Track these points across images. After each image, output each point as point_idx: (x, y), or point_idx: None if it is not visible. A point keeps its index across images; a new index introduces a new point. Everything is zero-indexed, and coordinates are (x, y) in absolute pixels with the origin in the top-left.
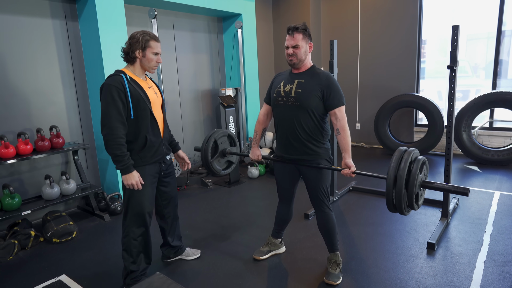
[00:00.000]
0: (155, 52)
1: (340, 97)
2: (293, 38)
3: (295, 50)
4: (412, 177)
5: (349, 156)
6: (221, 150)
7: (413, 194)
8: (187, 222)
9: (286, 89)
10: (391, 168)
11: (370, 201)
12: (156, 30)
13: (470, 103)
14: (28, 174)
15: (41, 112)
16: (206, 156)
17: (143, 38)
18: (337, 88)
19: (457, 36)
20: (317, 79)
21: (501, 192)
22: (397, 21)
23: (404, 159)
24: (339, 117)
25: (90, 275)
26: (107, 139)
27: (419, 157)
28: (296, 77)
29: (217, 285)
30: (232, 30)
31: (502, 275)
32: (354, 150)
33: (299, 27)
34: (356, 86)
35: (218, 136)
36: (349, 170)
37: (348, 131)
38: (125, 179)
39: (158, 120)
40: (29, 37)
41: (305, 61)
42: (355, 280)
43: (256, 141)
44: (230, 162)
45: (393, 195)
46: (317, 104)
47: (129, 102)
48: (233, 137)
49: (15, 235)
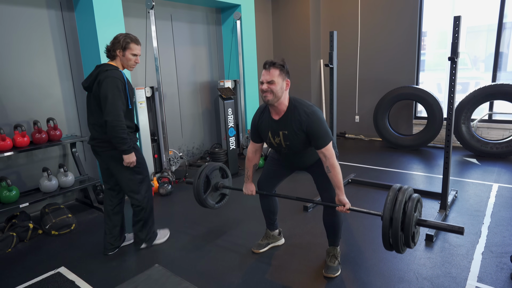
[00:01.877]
0: (134, 54)
1: (324, 137)
2: (269, 73)
3: (270, 85)
4: (407, 219)
5: (342, 193)
6: (214, 184)
7: (410, 235)
8: (185, 215)
9: (276, 141)
10: (386, 210)
11: (369, 193)
12: (153, 21)
13: (470, 96)
14: (26, 167)
15: (38, 104)
16: (199, 193)
17: (124, 40)
18: (319, 130)
19: (458, 27)
20: (298, 124)
21: (499, 184)
22: (397, 13)
23: (398, 200)
24: (327, 156)
25: (89, 267)
26: (114, 125)
27: (413, 196)
28: (279, 127)
29: (215, 278)
30: (231, 22)
31: (499, 266)
32: (353, 143)
33: (276, 63)
34: (355, 78)
35: (209, 171)
36: (344, 208)
37: (338, 168)
38: (127, 158)
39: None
40: (24, 28)
41: (281, 98)
42: (354, 271)
43: (248, 177)
44: (223, 195)
45: (389, 235)
46: (308, 145)
47: (127, 94)
48: (225, 169)
49: (13, 228)
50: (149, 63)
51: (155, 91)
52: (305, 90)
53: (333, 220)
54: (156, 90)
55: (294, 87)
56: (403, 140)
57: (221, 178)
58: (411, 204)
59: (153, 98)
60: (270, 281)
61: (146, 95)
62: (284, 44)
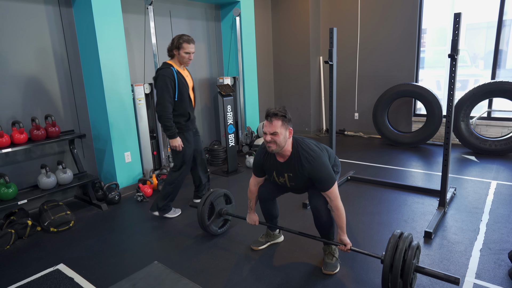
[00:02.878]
0: (186, 52)
1: (328, 181)
2: (271, 125)
3: (274, 137)
4: (407, 267)
5: (344, 233)
6: (218, 211)
7: (408, 282)
8: (185, 211)
9: (281, 181)
10: (387, 257)
11: (368, 191)
12: (152, 17)
13: (469, 93)
14: (24, 164)
15: (36, 101)
16: (203, 220)
17: (178, 41)
18: (321, 174)
19: (459, 24)
20: (302, 170)
21: (497, 182)
22: (397, 10)
23: (399, 248)
24: (332, 198)
25: (88, 264)
26: (160, 114)
27: (413, 244)
28: (284, 169)
29: (214, 274)
30: (230, 18)
31: (497, 263)
32: (352, 140)
33: (278, 113)
34: (355, 75)
35: (214, 198)
36: (345, 248)
37: (342, 209)
38: (172, 142)
39: (193, 100)
40: (22, 23)
41: (285, 147)
42: (353, 268)
43: (251, 208)
44: (226, 220)
45: (389, 280)
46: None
47: (175, 88)
48: (229, 195)
49: (12, 225)
50: (147, 60)
51: (154, 88)
52: (305, 87)
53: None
54: None
55: (294, 85)
56: (402, 138)
57: (225, 204)
58: (411, 252)
59: (152, 94)
60: (269, 278)
61: (145, 92)
62: (283, 41)
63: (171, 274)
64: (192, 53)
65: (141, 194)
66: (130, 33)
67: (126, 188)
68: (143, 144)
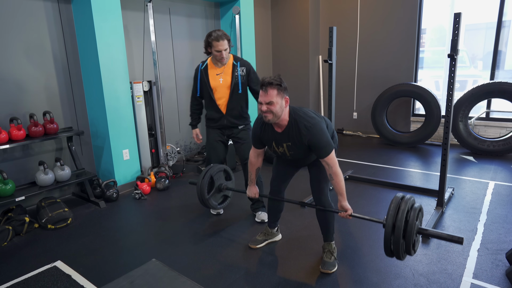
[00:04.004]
0: (217, 50)
1: (327, 147)
2: (267, 94)
3: (270, 106)
4: (409, 227)
5: (344, 199)
6: (217, 185)
7: (411, 243)
8: (184, 209)
9: (280, 150)
10: (389, 217)
11: (366, 190)
12: (151, 14)
13: (468, 93)
14: (22, 160)
15: (34, 97)
16: (202, 193)
17: (207, 40)
18: (320, 141)
19: (458, 24)
20: (300, 138)
21: (495, 182)
22: (397, 9)
23: (401, 209)
24: (330, 164)
25: (85, 261)
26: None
27: (415, 205)
28: (282, 139)
29: (212, 273)
30: (230, 16)
31: (494, 263)
32: (350, 140)
33: (273, 82)
34: (354, 74)
35: (214, 172)
36: (346, 213)
37: (341, 175)
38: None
39: (218, 100)
40: (20, 19)
41: (281, 116)
42: (351, 268)
43: (251, 180)
44: (226, 196)
45: (391, 242)
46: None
47: (198, 85)
48: (229, 171)
49: (9, 221)
50: (146, 57)
51: (152, 86)
52: (304, 86)
53: (324, 213)
54: (154, 84)
55: (293, 83)
56: (401, 137)
57: (225, 180)
58: (413, 214)
59: (150, 92)
60: (267, 276)
61: (143, 90)
62: (283, 39)
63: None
64: (224, 50)
65: (139, 191)
66: (129, 31)
67: (124, 186)
68: (141, 142)
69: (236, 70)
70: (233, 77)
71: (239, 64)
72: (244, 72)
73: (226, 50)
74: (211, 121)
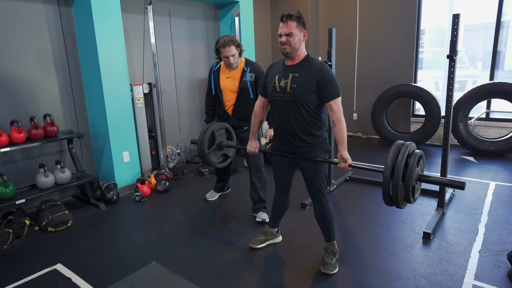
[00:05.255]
0: (224, 56)
1: (335, 89)
2: (287, 25)
3: (289, 38)
4: (409, 170)
5: (344, 148)
6: (218, 142)
7: (410, 187)
8: (183, 211)
9: (281, 84)
10: (389, 159)
11: (367, 191)
12: (151, 17)
13: (468, 94)
14: (22, 163)
15: (35, 100)
16: (203, 148)
17: (215, 47)
18: (332, 79)
19: (457, 25)
20: (312, 71)
21: (496, 183)
22: (396, 10)
23: (401, 152)
24: (335, 109)
25: (85, 264)
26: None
27: (416, 151)
28: (290, 70)
29: (213, 274)
30: (229, 18)
31: (496, 264)
32: (350, 140)
33: (293, 15)
34: (353, 75)
35: (216, 128)
36: (345, 164)
37: (344, 123)
38: None
39: (226, 102)
40: (21, 22)
41: (298, 50)
42: (351, 269)
43: (253, 133)
44: (226, 156)
45: (389, 186)
46: (313, 97)
47: (212, 83)
48: (231, 130)
49: (9, 224)
50: (147, 60)
51: (152, 88)
52: None
53: (322, 213)
54: (154, 86)
55: None
56: (401, 138)
57: (225, 139)
58: (413, 158)
59: (150, 94)
60: (268, 278)
61: (143, 92)
62: None
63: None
64: (231, 55)
65: (140, 194)
66: (129, 33)
67: (125, 188)
68: (141, 144)
69: (244, 76)
70: (241, 82)
71: (249, 70)
72: (253, 78)
73: (234, 55)
74: (219, 119)
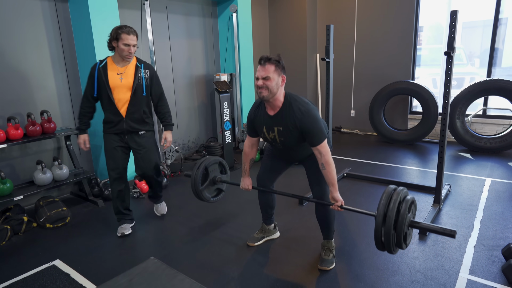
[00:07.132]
0: (125, 44)
1: (319, 135)
2: (264, 69)
3: (266, 82)
4: (401, 218)
5: (335, 190)
6: (212, 177)
7: (402, 234)
8: (181, 208)
9: (270, 136)
10: (381, 206)
11: (364, 188)
12: (148, 13)
13: (465, 91)
14: (20, 160)
15: (32, 96)
16: (196, 184)
17: (116, 31)
18: (313, 126)
19: (455, 21)
20: (292, 121)
21: (492, 179)
22: (394, 7)
23: (393, 199)
24: (323, 153)
25: (84, 260)
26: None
27: (407, 197)
28: (274, 123)
29: (211, 271)
30: (227, 14)
31: (491, 259)
32: (348, 137)
33: (272, 58)
34: (351, 72)
35: (209, 163)
36: (337, 204)
37: (333, 165)
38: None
39: (118, 102)
40: (17, 18)
41: (276, 94)
42: (348, 264)
43: (245, 171)
44: (219, 190)
45: (381, 233)
46: (302, 139)
47: (94, 84)
48: (224, 164)
49: (7, 221)
50: (144, 56)
51: None
52: (301, 84)
53: (325, 213)
54: None
55: (290, 81)
56: (398, 135)
57: (219, 173)
58: (405, 205)
59: None
60: (265, 274)
61: None
62: (280, 38)
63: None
64: (132, 45)
65: (138, 190)
66: None
67: None
68: None
69: (139, 72)
70: (136, 78)
71: (143, 66)
72: (148, 75)
73: (135, 46)
74: (109, 125)
